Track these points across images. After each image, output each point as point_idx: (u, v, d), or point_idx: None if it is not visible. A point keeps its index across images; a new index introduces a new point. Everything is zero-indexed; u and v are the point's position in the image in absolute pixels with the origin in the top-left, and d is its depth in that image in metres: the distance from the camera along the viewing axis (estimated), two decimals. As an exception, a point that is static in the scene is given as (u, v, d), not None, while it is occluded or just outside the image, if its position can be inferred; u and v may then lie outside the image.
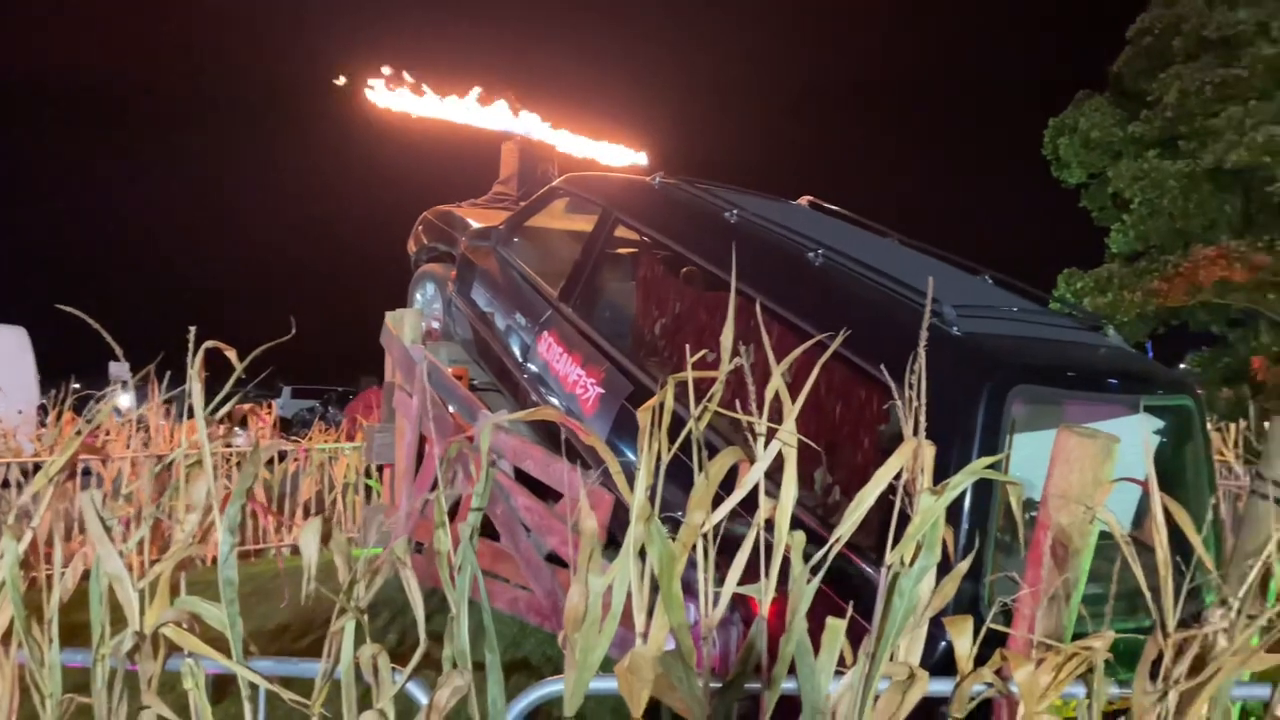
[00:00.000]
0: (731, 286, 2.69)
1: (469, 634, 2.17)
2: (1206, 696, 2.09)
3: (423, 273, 7.96)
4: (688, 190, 5.56)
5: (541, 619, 5.24)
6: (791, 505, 2.17)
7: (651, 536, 2.11)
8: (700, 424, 2.21)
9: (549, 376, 5.69)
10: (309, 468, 9.25)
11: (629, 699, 2.10)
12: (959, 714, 2.19)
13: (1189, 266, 22.48)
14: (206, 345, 2.28)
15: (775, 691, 2.13)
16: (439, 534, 2.20)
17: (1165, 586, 2.16)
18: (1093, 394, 3.89)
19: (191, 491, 2.23)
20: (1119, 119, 24.46)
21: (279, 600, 5.09)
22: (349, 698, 2.11)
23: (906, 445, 2.18)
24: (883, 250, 5.19)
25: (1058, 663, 2.13)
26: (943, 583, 2.13)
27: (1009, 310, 4.31)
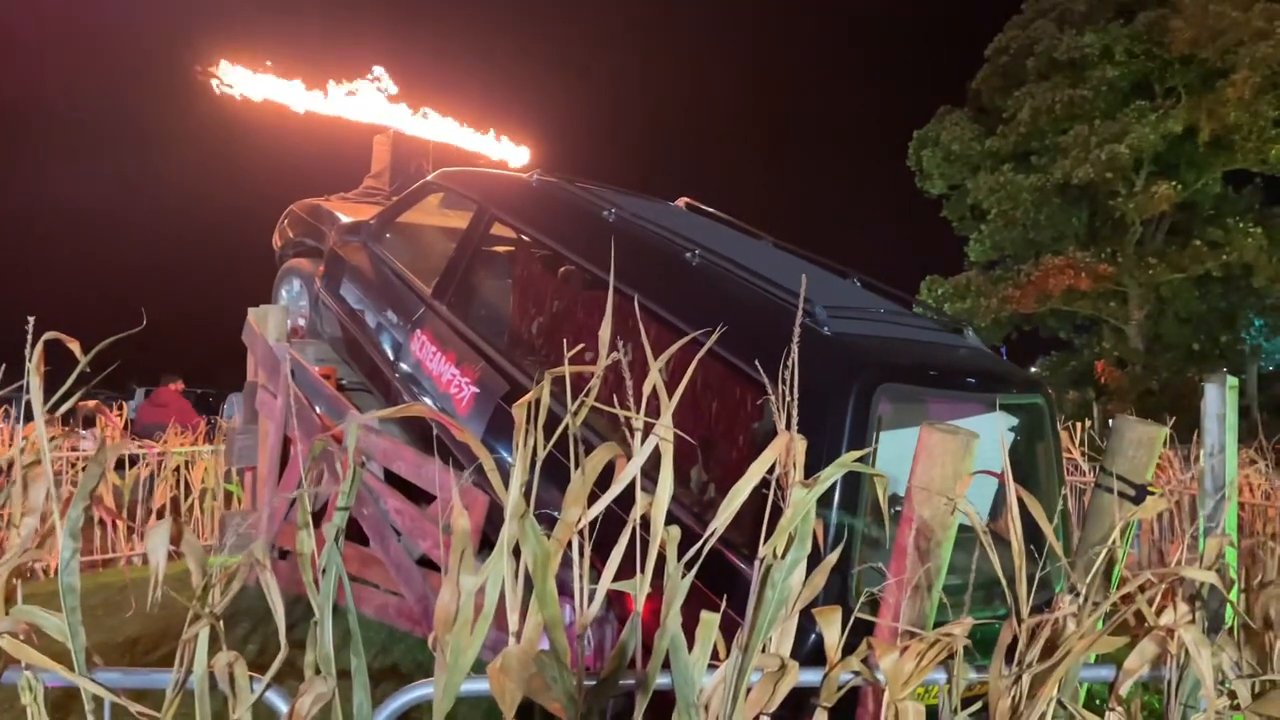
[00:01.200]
0: (610, 284, 2.68)
1: (334, 640, 2.09)
2: (1057, 678, 2.19)
3: (288, 268, 7.67)
4: (565, 189, 5.53)
5: (412, 624, 5.12)
6: (667, 500, 2.17)
7: (526, 533, 2.08)
8: (577, 419, 2.19)
9: (422, 375, 5.56)
10: (163, 472, 8.78)
11: (500, 700, 2.06)
12: (828, 703, 2.23)
13: (1039, 275, 23.80)
14: (46, 336, 2.12)
15: (649, 687, 2.13)
16: (302, 535, 2.11)
17: (1019, 575, 2.26)
18: (953, 392, 4.05)
19: (30, 494, 2.07)
20: (977, 134, 25.69)
21: (127, 612, 4.80)
22: (203, 709, 2.00)
23: (779, 439, 2.21)
24: (757, 252, 5.28)
25: (921, 650, 2.19)
26: (813, 574, 2.17)
27: (876, 312, 4.45)
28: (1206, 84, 22.45)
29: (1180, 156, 23.66)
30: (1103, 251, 24.35)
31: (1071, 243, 24.78)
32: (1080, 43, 23.80)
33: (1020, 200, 24.21)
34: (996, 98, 25.82)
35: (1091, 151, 22.38)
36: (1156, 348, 25.28)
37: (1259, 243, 22.55)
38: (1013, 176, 24.25)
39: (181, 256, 48.33)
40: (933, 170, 26.45)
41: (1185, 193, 23.51)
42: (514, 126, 10.14)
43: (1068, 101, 23.49)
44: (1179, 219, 24.59)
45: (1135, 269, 23.89)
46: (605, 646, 3.89)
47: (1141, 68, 23.67)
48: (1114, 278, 23.93)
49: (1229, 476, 4.99)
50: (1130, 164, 22.79)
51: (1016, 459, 4.24)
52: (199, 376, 29.33)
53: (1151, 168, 23.38)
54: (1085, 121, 23.04)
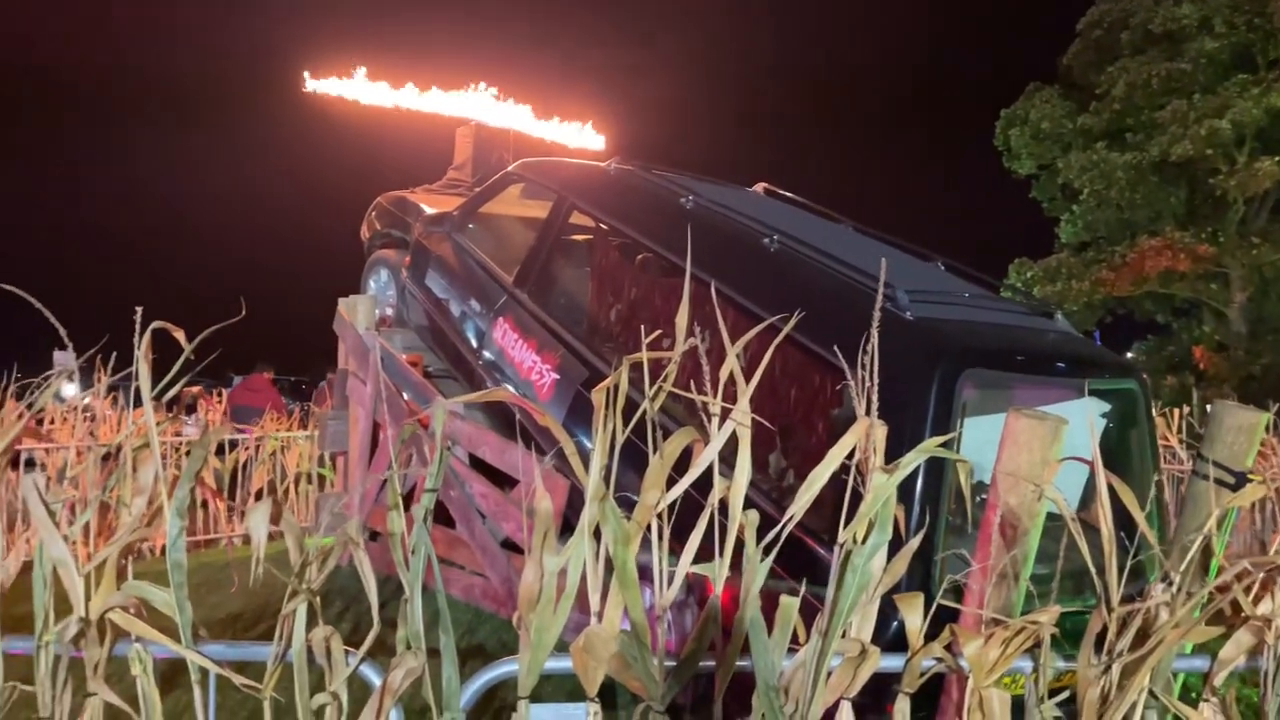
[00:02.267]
0: (687, 271, 2.70)
1: (424, 619, 2.16)
2: (1148, 668, 2.14)
3: (376, 259, 7.88)
4: (643, 176, 5.55)
5: (497, 605, 5.23)
6: (745, 484, 2.18)
7: (606, 516, 2.12)
8: (655, 404, 2.22)
9: (504, 363, 5.66)
10: (261, 456, 9.11)
11: (584, 678, 2.11)
12: (910, 689, 2.22)
13: (1135, 257, 22.95)
14: (154, 326, 2.23)
15: (729, 669, 2.15)
16: (393, 516, 2.19)
17: (1110, 562, 2.21)
18: (1041, 377, 3.96)
19: (139, 476, 2.19)
20: (1068, 111, 24.86)
21: (229, 589, 5.02)
22: (301, 681, 2.09)
23: (859, 424, 2.20)
24: (836, 236, 5.23)
25: (1006, 637, 2.17)
26: (894, 560, 2.16)
27: (961, 296, 4.38)
28: (1315, 54, 21.32)
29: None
30: (1202, 231, 23.34)
31: (1169, 222, 23.80)
32: (1177, 14, 22.80)
33: (1114, 179, 23.34)
34: (1089, 73, 24.92)
35: (1190, 127, 21.44)
36: (1260, 331, 24.15)
37: (1371, 220, 21.37)
38: (1106, 154, 23.39)
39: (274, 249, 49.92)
40: (1021, 150, 25.68)
41: (1291, 169, 22.38)
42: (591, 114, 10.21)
43: (1165, 76, 22.54)
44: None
45: (1237, 249, 22.85)
46: (684, 630, 3.92)
47: (1242, 39, 22.56)
48: (1214, 259, 22.92)
49: (1338, 465, 4.77)
50: (1232, 140, 21.77)
51: (1108, 446, 4.12)
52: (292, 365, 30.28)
53: (1254, 143, 22.29)
54: (1183, 96, 22.09)
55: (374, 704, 2.08)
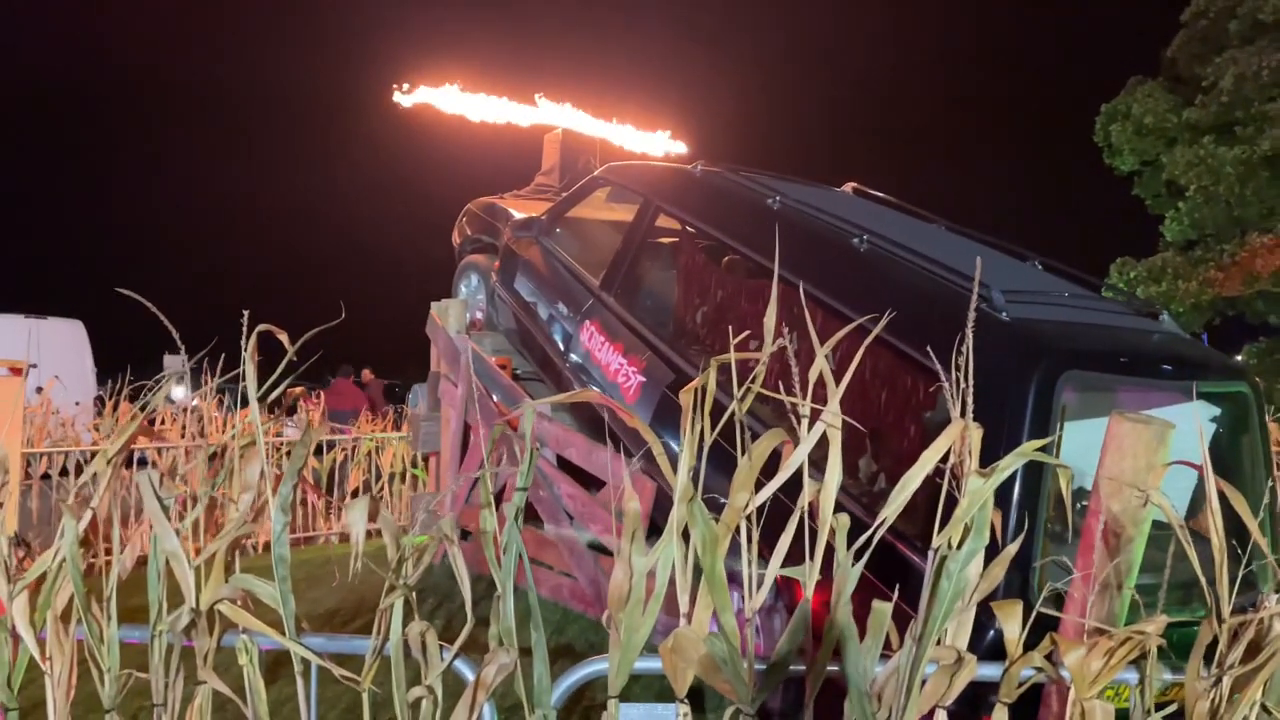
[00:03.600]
0: (774, 272, 2.68)
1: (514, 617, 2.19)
2: (1260, 682, 2.05)
3: (467, 263, 8.03)
4: (729, 178, 5.54)
5: (585, 606, 5.27)
6: (836, 487, 2.16)
7: (694, 518, 2.12)
8: (743, 405, 2.21)
9: (591, 365, 5.71)
10: (356, 456, 9.38)
11: (673, 679, 2.11)
12: (1008, 699, 2.16)
13: (1246, 255, 21.94)
14: (260, 329, 2.32)
15: (820, 674, 2.13)
16: (484, 515, 2.23)
17: (1220, 572, 2.12)
18: (1146, 380, 3.82)
19: (245, 474, 2.28)
20: (1173, 105, 23.90)
21: (329, 586, 5.17)
22: (398, 674, 2.15)
23: (954, 427, 2.15)
24: (929, 236, 5.13)
25: (1110, 648, 2.09)
26: (991, 566, 2.11)
27: (1059, 296, 4.25)
28: None
29: None
30: (1319, 228, 22.19)
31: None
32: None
33: (1223, 174, 22.34)
34: (1195, 65, 23.91)
35: (1306, 119, 20.42)
36: (1384, 332, 22.85)
37: None
38: (1214, 149, 22.40)
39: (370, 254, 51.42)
40: (1123, 145, 24.77)
41: None
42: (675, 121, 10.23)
43: (1276, 66, 21.49)
44: None
45: (1358, 246, 21.66)
46: (774, 634, 3.89)
47: (1364, 24, 21.40)
48: (1333, 256, 21.77)
49: None
50: (1351, 131, 20.66)
51: (1217, 451, 3.95)
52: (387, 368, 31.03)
53: (1376, 134, 21.11)
54: (1298, 86, 21.04)
55: (468, 698, 2.12)
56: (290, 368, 2.42)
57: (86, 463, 6.67)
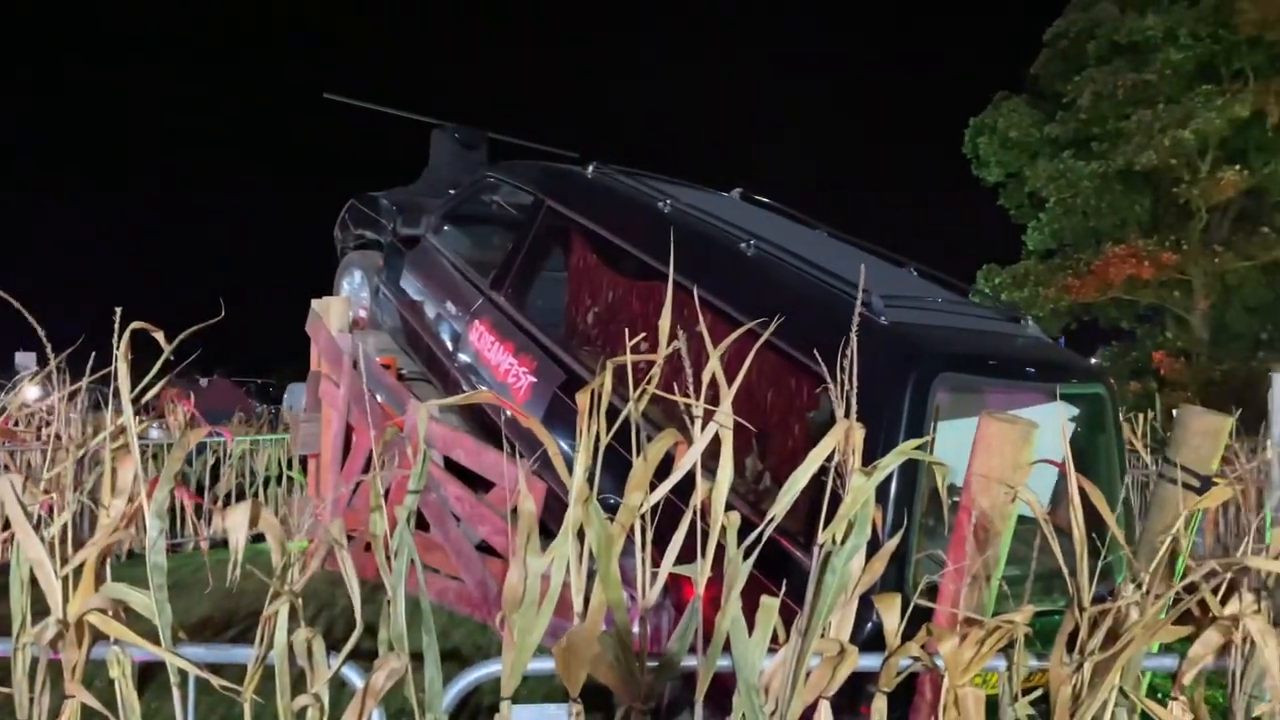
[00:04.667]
0: (667, 275, 2.72)
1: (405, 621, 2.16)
2: (1119, 667, 2.19)
3: (350, 260, 7.83)
4: (622, 180, 5.57)
5: (472, 609, 5.22)
6: (728, 485, 2.21)
7: (590, 517, 2.13)
8: (639, 406, 2.23)
9: (480, 365, 5.65)
10: (230, 459, 9.02)
11: (566, 678, 2.12)
12: (886, 688, 2.25)
13: (1100, 264, 23.31)
14: (132, 327, 2.22)
15: (710, 668, 2.17)
16: (375, 518, 2.19)
17: (1081, 563, 2.26)
18: (1012, 382, 4.02)
19: (118, 478, 2.18)
20: (1036, 120, 25.19)
21: (200, 593, 4.97)
22: (283, 683, 2.09)
23: (838, 427, 2.23)
24: (812, 242, 5.28)
25: (980, 637, 2.21)
26: (872, 560, 2.19)
27: (934, 301, 4.43)
28: (1275, 66, 21.72)
29: (1248, 141, 22.92)
30: (1166, 239, 23.73)
31: (1134, 230, 24.18)
32: (1143, 25, 23.18)
33: (1080, 187, 23.69)
34: (1056, 83, 25.26)
35: (1155, 137, 21.80)
36: (1221, 337, 24.60)
37: (1331, 229, 21.83)
38: (1073, 163, 23.73)
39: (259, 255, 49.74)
40: (989, 158, 25.97)
41: (1253, 179, 22.79)
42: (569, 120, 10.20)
43: (1130, 86, 22.90)
44: (1247, 206, 23.83)
45: (1200, 257, 23.26)
46: (663, 632, 3.94)
47: (1207, 50, 22.98)
48: (1178, 266, 23.32)
49: (1298, 468, 4.88)
50: (1196, 149, 22.18)
51: (1077, 449, 4.19)
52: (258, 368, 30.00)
53: (1217, 153, 22.71)
54: (1149, 106, 22.44)
55: (356, 706, 2.07)
56: (165, 368, 2.33)
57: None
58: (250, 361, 31.97)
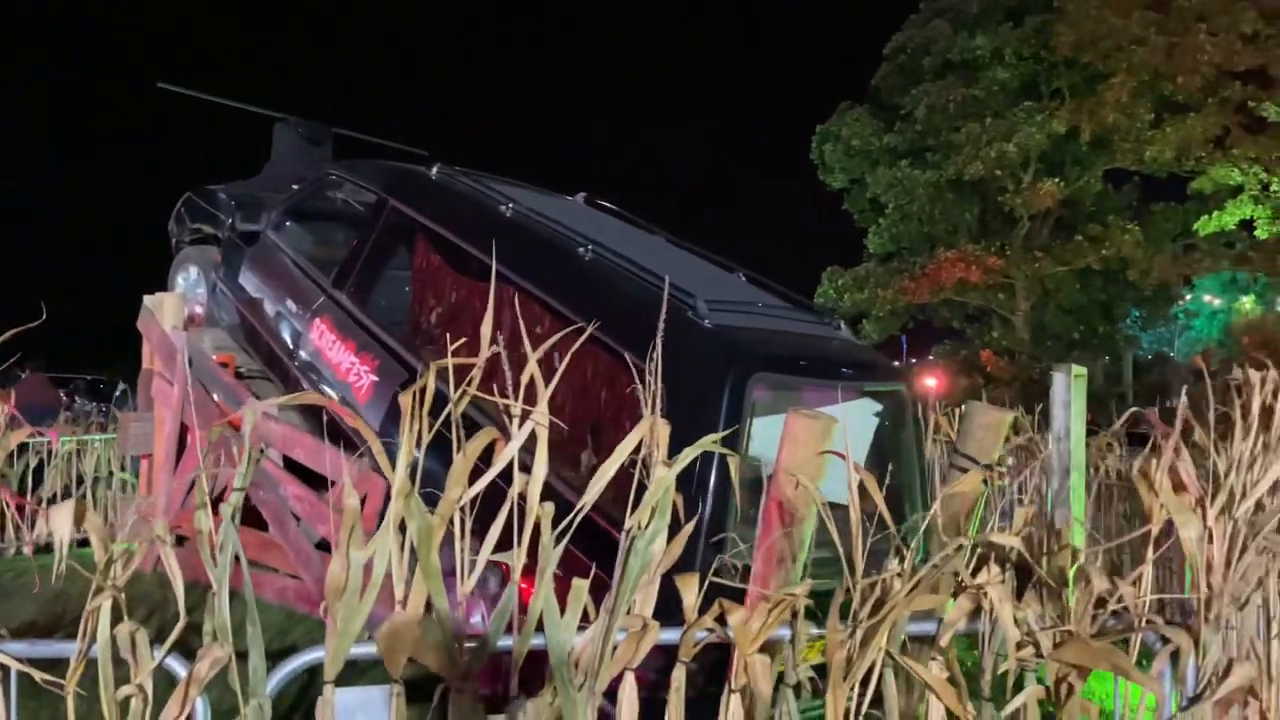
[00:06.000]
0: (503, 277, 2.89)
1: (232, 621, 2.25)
2: (884, 631, 2.49)
3: (185, 255, 7.63)
4: (465, 182, 5.68)
5: (311, 607, 5.23)
6: (542, 479, 2.39)
7: (411, 511, 2.28)
8: (459, 406, 2.40)
9: (321, 364, 5.66)
10: (55, 460, 8.61)
11: (388, 661, 2.26)
12: (685, 657, 2.49)
13: (934, 267, 24.76)
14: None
15: (524, 646, 2.36)
16: (199, 514, 2.27)
17: (856, 541, 2.55)
18: (824, 380, 4.37)
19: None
20: (877, 129, 26.51)
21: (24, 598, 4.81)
22: (105, 674, 2.15)
23: (645, 422, 2.46)
24: (649, 247, 5.53)
25: (767, 609, 2.47)
26: (671, 543, 2.42)
27: (755, 305, 4.75)
28: (1089, 86, 23.63)
29: (1065, 155, 24.86)
30: (993, 245, 25.46)
31: (964, 236, 25.82)
32: (972, 44, 24.77)
33: (916, 195, 25.13)
34: (895, 95, 26.67)
35: (982, 149, 23.36)
36: (1040, 337, 26.56)
37: (1135, 238, 23.88)
38: (909, 171, 25.14)
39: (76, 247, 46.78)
40: (834, 164, 27.20)
41: (1069, 189, 24.74)
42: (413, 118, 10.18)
43: (961, 100, 24.45)
44: (1063, 214, 25.82)
45: (1022, 261, 25.05)
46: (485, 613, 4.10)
47: (1030, 70, 24.78)
48: (1003, 270, 25.05)
49: (1074, 458, 5.46)
50: (1019, 161, 23.89)
51: (881, 440, 4.60)
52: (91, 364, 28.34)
53: (1038, 165, 24.52)
54: (977, 120, 24.00)
55: (179, 694, 2.16)
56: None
57: None
58: (80, 357, 30.16)
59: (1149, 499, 2.83)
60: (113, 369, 23.10)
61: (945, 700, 2.56)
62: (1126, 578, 2.76)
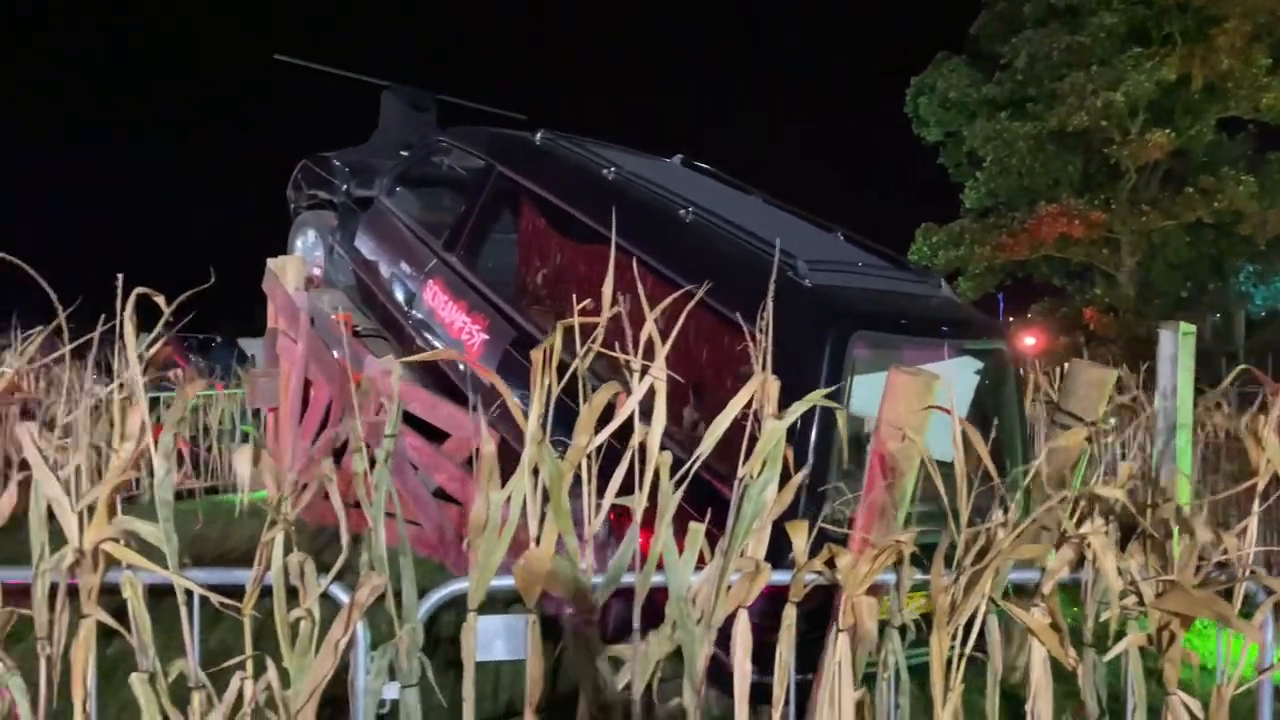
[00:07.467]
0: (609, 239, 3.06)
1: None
2: (988, 577, 2.61)
3: (303, 220, 8.02)
4: (567, 147, 5.86)
5: (429, 551, 5.56)
6: (661, 429, 2.57)
7: (544, 456, 2.49)
8: (585, 362, 2.59)
9: (435, 323, 5.95)
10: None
11: (524, 592, 2.49)
12: (795, 598, 2.65)
13: (1033, 223, 24.01)
14: (137, 291, 2.50)
15: (646, 582, 2.55)
16: (356, 457, 2.52)
17: (960, 491, 2.66)
18: (923, 339, 4.44)
19: (127, 425, 2.47)
20: (974, 80, 25.68)
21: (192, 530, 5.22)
22: (279, 597, 2.42)
23: (755, 379, 2.61)
24: (746, 208, 5.63)
25: (873, 555, 2.62)
26: (783, 491, 2.58)
27: (855, 265, 4.83)
28: (1201, 31, 22.46)
29: (1175, 104, 23.73)
30: (1096, 199, 24.55)
31: (1066, 190, 24.95)
32: (1078, -12, 23.74)
33: (1016, 147, 24.32)
34: (994, 44, 25.76)
35: (1087, 99, 22.46)
36: (1146, 294, 25.61)
37: (1250, 190, 22.75)
38: (1009, 123, 24.32)
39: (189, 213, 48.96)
40: (929, 117, 26.48)
41: (1179, 140, 23.62)
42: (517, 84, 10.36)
43: (1065, 48, 23.49)
44: (1173, 166, 24.71)
45: (1128, 216, 24.12)
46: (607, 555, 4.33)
47: (1138, 14, 23.62)
48: (1107, 225, 24.16)
49: (1181, 415, 5.41)
50: (1125, 111, 22.89)
51: (980, 398, 4.65)
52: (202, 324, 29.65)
53: (1146, 115, 23.47)
54: (1082, 68, 23.06)
55: (343, 618, 2.42)
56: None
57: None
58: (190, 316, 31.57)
59: (1256, 453, 2.86)
60: (222, 327, 24.14)
61: (1048, 645, 2.68)
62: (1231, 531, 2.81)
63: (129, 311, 2.48)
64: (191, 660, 2.47)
